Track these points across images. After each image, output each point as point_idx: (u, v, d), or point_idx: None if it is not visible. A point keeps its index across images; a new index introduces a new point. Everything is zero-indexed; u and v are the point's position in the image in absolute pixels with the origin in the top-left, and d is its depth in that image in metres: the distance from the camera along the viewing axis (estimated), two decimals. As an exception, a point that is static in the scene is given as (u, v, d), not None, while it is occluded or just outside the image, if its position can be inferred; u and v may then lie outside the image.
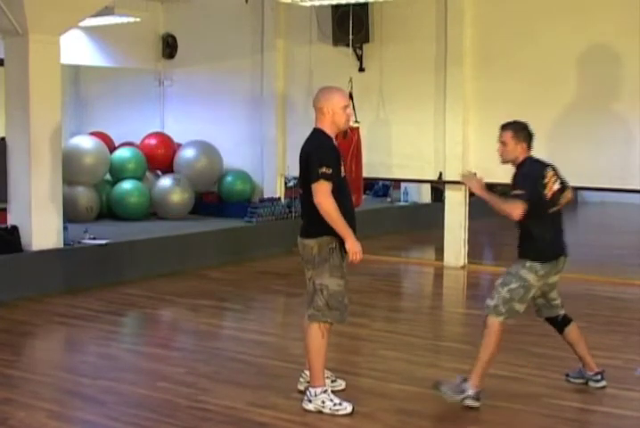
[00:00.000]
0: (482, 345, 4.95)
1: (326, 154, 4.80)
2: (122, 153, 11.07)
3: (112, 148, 11.37)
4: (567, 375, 5.39)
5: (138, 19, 10.23)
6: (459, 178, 5.45)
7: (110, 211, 10.90)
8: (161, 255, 9.21)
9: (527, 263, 4.97)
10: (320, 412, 4.81)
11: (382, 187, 14.58)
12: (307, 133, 4.99)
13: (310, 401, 4.86)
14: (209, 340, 6.71)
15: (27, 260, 8.01)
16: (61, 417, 4.88)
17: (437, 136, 9.93)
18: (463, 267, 9.76)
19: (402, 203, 13.74)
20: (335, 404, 4.82)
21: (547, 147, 9.07)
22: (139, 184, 10.86)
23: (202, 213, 11.22)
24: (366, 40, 10.14)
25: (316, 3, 9.55)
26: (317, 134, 4.92)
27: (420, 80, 9.97)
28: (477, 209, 9.15)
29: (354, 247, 4.76)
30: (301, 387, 5.14)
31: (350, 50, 10.21)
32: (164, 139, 11.59)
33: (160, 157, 11.41)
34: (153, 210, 11.03)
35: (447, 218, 9.89)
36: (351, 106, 5.44)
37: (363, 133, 9.78)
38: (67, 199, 8.94)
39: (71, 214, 9.56)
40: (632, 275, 9.34)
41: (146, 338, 7.05)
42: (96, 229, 9.30)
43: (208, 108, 11.63)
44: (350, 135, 9.46)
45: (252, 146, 11.34)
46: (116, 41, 11.32)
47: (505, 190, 5.21)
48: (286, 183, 11.45)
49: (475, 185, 5.08)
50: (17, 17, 7.78)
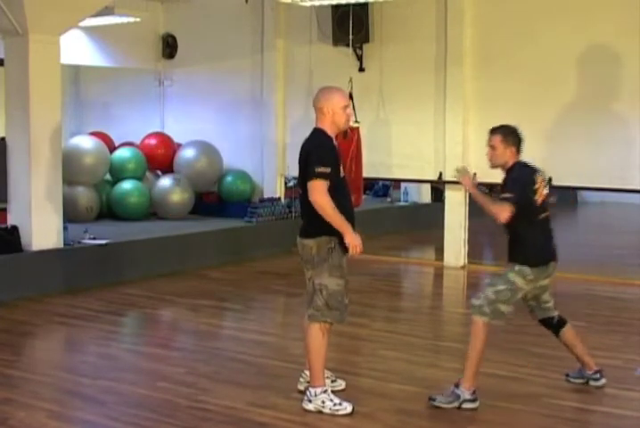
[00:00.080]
0: (469, 346, 4.95)
1: (326, 154, 4.80)
2: (122, 153, 11.07)
3: (112, 148, 11.36)
4: (567, 375, 5.39)
5: (138, 19, 10.23)
6: (454, 175, 5.43)
7: (110, 211, 10.90)
8: (161, 255, 9.21)
9: (516, 267, 4.97)
10: (320, 412, 4.81)
11: (382, 187, 14.58)
12: (307, 133, 4.99)
13: (310, 401, 4.86)
14: (209, 340, 6.71)
15: (27, 260, 8.01)
16: (61, 417, 4.88)
17: (437, 136, 9.93)
18: (463, 267, 9.76)
19: (402, 203, 13.74)
20: (335, 404, 4.82)
21: (547, 147, 9.11)
22: (139, 184, 10.86)
23: (202, 213, 11.21)
24: (366, 40, 10.13)
25: (316, 3, 9.55)
26: (318, 134, 4.92)
27: (420, 80, 9.97)
28: (477, 208, 9.12)
29: (353, 240, 4.75)
30: (301, 387, 5.14)
31: (350, 50, 10.20)
32: (164, 139, 11.59)
33: (160, 157, 11.41)
34: (153, 210, 11.03)
35: (447, 218, 9.89)
36: (351, 106, 5.41)
37: (363, 133, 9.77)
38: (67, 199, 8.94)
39: (71, 214, 9.56)
40: (632, 275, 9.34)
41: (146, 338, 7.05)
42: (96, 229, 9.30)
43: (208, 108, 11.63)
44: (350, 135, 9.45)
45: (252, 146, 11.33)
46: (116, 41, 11.32)
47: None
48: (286, 183, 11.45)
49: (468, 182, 5.14)
50: (17, 17, 7.78)
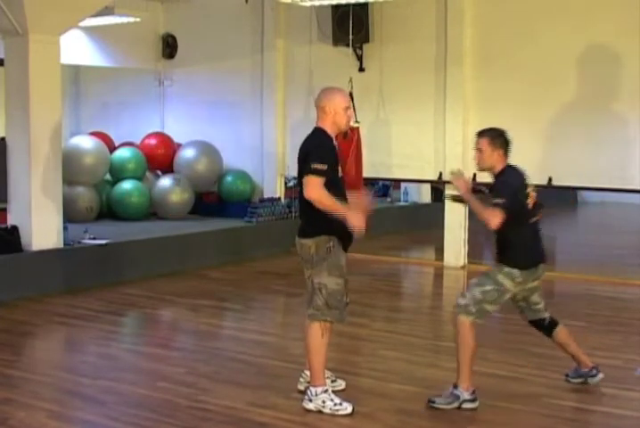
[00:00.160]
0: (458, 347, 4.91)
1: (324, 153, 4.80)
2: (122, 153, 11.07)
3: (112, 148, 11.37)
4: (567, 376, 5.39)
5: (138, 19, 10.23)
6: (449, 177, 5.31)
7: (110, 211, 10.90)
8: (161, 255, 9.21)
9: (505, 269, 4.95)
10: (320, 412, 4.81)
11: (382, 187, 14.57)
12: (307, 133, 4.97)
13: (311, 401, 4.86)
14: (209, 340, 6.71)
15: (27, 260, 8.01)
16: (61, 417, 4.88)
17: (437, 136, 9.92)
18: (463, 267, 9.76)
19: (402, 203, 13.74)
20: (336, 404, 4.82)
21: (547, 147, 9.12)
22: (139, 184, 10.86)
23: (202, 213, 11.22)
24: (366, 40, 10.13)
25: (316, 3, 9.55)
26: (318, 133, 4.92)
27: (420, 80, 9.97)
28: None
29: (355, 221, 4.67)
30: (301, 387, 5.14)
31: (350, 50, 10.20)
32: (164, 139, 11.59)
33: (160, 157, 11.40)
34: (153, 210, 11.04)
35: (447, 218, 9.89)
36: (352, 108, 5.39)
37: (363, 133, 9.77)
38: (67, 199, 8.94)
39: (71, 214, 9.56)
40: (632, 275, 9.34)
41: (146, 338, 7.05)
42: (96, 229, 9.30)
43: (208, 108, 11.63)
44: (350, 135, 9.45)
45: (252, 146, 11.33)
46: (116, 41, 11.32)
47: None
48: (286, 183, 11.45)
49: (462, 186, 5.03)
50: (17, 17, 7.78)
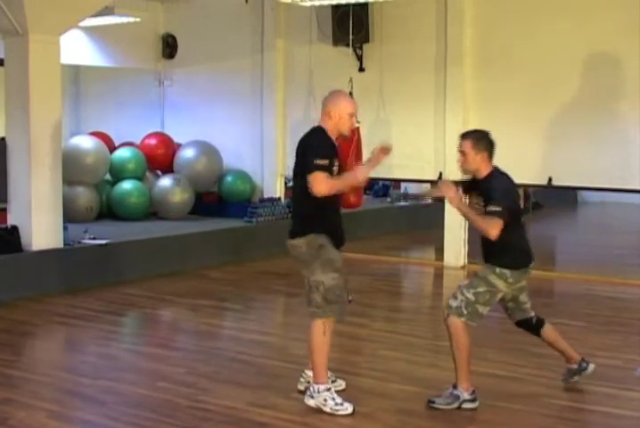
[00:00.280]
0: (454, 348, 4.90)
1: (325, 151, 4.85)
2: (122, 153, 11.07)
3: (112, 148, 11.36)
4: (563, 380, 5.31)
5: (138, 19, 10.23)
6: (440, 187, 4.98)
7: (110, 211, 10.90)
8: (161, 255, 9.21)
9: (497, 269, 4.90)
10: (320, 410, 4.81)
11: (382, 187, 14.57)
12: (307, 133, 5.01)
13: (312, 397, 4.87)
14: (209, 340, 6.71)
15: (27, 260, 8.01)
16: (61, 417, 4.88)
17: (437, 136, 9.92)
18: (463, 267, 9.75)
19: (402, 203, 13.74)
20: (337, 403, 4.82)
21: (548, 147, 9.12)
22: (139, 184, 10.86)
23: (202, 213, 11.21)
24: (366, 40, 10.13)
25: (316, 3, 9.55)
26: (319, 131, 4.97)
27: (420, 80, 9.97)
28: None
29: (363, 175, 5.00)
30: (301, 387, 5.14)
31: (350, 50, 10.20)
32: (164, 139, 11.59)
33: (160, 157, 11.40)
34: (153, 210, 11.04)
35: (447, 218, 9.87)
36: (356, 115, 5.42)
37: (363, 133, 9.76)
38: (67, 199, 8.94)
39: (71, 214, 9.55)
40: (632, 275, 9.34)
41: (146, 338, 7.05)
42: (96, 229, 9.30)
43: (208, 108, 11.63)
44: (351, 135, 9.42)
45: (252, 146, 11.33)
46: (116, 41, 11.32)
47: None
48: (286, 183, 11.44)
49: (454, 198, 4.77)
50: (17, 17, 7.78)
